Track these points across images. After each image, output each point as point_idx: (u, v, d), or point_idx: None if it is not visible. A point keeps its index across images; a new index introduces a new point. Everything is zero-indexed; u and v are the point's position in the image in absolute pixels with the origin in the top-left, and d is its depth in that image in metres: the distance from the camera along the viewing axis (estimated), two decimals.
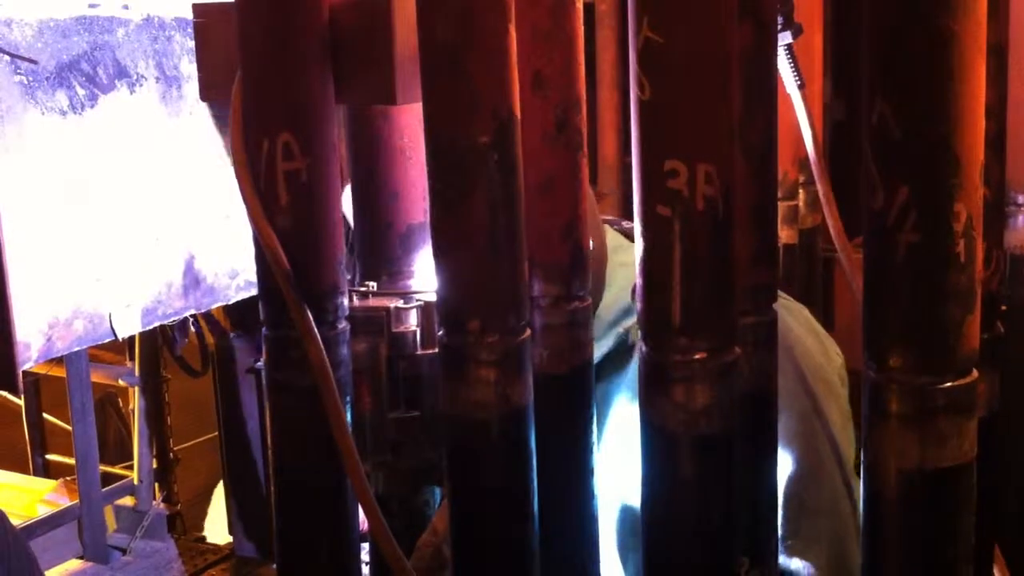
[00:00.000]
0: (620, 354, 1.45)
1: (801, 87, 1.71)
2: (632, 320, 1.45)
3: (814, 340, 1.49)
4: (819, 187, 1.71)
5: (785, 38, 1.53)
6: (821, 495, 1.43)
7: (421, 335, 1.32)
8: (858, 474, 1.46)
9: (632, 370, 1.46)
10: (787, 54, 1.65)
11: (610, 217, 1.60)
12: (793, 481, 1.35)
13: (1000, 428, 1.26)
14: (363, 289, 1.35)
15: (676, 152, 0.95)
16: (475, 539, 1.13)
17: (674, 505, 1.03)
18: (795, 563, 1.41)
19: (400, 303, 1.32)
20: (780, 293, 1.23)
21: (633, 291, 1.46)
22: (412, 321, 1.32)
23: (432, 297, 1.31)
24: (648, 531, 1.06)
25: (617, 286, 1.46)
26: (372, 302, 1.33)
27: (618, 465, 1.42)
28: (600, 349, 1.34)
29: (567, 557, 1.24)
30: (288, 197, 1.14)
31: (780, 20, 1.38)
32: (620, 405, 1.47)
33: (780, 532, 1.29)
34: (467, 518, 1.13)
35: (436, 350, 1.24)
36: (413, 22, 1.05)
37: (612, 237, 1.51)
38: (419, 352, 1.31)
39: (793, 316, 1.19)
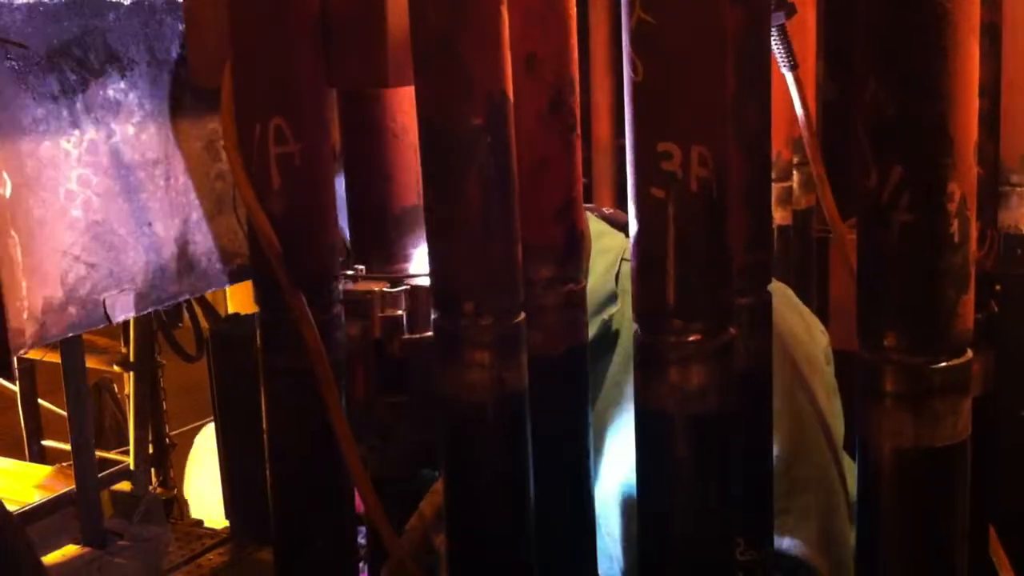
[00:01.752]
0: (604, 341, 1.45)
1: (795, 68, 1.71)
2: (615, 307, 1.45)
3: (796, 318, 1.50)
4: (813, 168, 1.71)
5: (778, 18, 1.53)
6: (809, 471, 1.43)
7: (410, 319, 1.32)
8: (847, 450, 1.47)
9: (616, 357, 1.46)
10: (780, 34, 1.64)
11: (590, 205, 1.60)
12: (780, 458, 1.35)
13: (995, 407, 1.26)
14: (351, 273, 1.34)
15: (669, 134, 0.95)
16: (470, 522, 1.13)
17: (669, 488, 1.03)
18: (786, 541, 1.41)
19: (388, 287, 1.32)
20: None
21: (616, 277, 1.47)
22: (401, 305, 1.32)
23: (421, 281, 1.31)
24: (643, 513, 1.06)
25: (598, 273, 1.46)
26: (360, 286, 1.32)
27: (607, 450, 1.42)
28: None
29: (563, 539, 1.24)
30: (281, 181, 1.14)
31: (773, 0, 1.38)
32: (606, 392, 1.47)
33: None
34: (462, 501, 1.13)
35: (425, 334, 1.24)
36: (406, 4, 1.04)
37: (593, 224, 1.51)
38: (407, 336, 1.31)
39: (775, 295, 1.20)
